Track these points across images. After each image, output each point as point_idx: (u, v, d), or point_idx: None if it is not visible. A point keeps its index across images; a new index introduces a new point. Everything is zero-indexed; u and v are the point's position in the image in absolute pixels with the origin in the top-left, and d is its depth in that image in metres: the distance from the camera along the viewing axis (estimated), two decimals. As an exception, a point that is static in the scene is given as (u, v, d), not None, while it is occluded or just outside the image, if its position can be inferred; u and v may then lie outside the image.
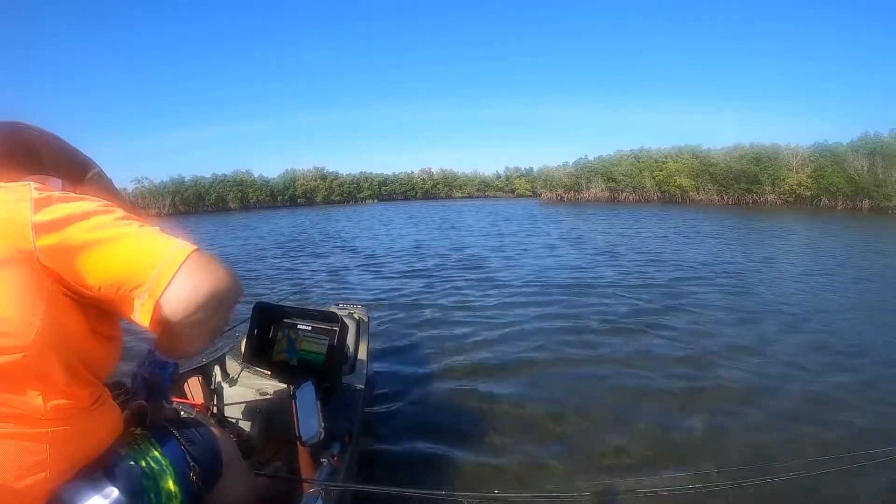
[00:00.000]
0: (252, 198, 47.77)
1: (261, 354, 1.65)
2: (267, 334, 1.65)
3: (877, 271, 7.63)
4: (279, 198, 49.54)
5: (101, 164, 1.06)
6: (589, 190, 40.64)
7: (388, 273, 8.04)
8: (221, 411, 1.95)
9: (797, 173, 29.43)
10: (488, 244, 12.14)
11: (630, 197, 38.04)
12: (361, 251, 11.17)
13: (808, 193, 28.83)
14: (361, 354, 2.52)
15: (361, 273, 8.15)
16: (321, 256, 10.53)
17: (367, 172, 57.12)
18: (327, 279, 7.71)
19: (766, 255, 9.48)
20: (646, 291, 6.08)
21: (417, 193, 58.04)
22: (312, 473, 1.41)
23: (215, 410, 1.89)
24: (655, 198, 36.64)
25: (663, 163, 37.02)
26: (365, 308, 3.24)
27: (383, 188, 56.68)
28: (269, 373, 1.75)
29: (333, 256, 10.46)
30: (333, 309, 2.83)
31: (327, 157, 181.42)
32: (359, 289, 6.80)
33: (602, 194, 39.57)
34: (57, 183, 0.91)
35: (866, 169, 26.25)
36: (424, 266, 8.62)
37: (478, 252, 10.58)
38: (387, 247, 12.00)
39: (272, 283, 7.41)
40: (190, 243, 0.79)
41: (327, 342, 1.58)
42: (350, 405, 1.88)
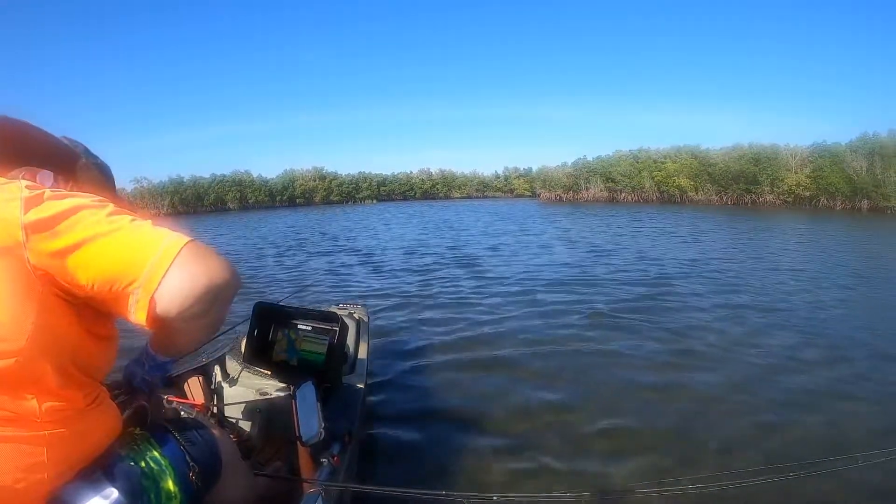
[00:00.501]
0: (251, 198, 47.71)
1: (261, 354, 1.64)
2: (267, 334, 1.65)
3: (870, 270, 7.65)
4: (278, 198, 49.48)
5: (94, 154, 1.05)
6: (588, 190, 40.64)
7: (388, 272, 8.04)
8: (221, 411, 1.94)
9: (796, 173, 29.47)
10: (486, 243, 12.20)
11: (629, 197, 38.04)
12: (361, 250, 11.17)
13: (807, 194, 28.87)
14: (361, 354, 2.51)
15: (361, 272, 8.14)
16: (321, 256, 10.51)
17: (366, 172, 57.11)
18: (327, 278, 7.70)
19: (760, 254, 9.54)
20: (640, 289, 6.09)
21: (416, 193, 58.02)
22: (312, 473, 1.40)
23: (215, 410, 1.88)
24: (654, 198, 36.65)
25: (662, 163, 37.04)
26: (365, 308, 3.24)
27: (382, 188, 56.65)
28: (269, 373, 1.75)
29: (333, 255, 10.45)
30: (333, 309, 2.83)
31: (326, 158, 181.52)
32: (358, 288, 6.80)
33: (601, 194, 39.57)
34: (48, 175, 0.89)
35: (865, 169, 26.30)
36: (423, 265, 8.61)
37: (476, 251, 10.63)
38: (386, 246, 12.00)
39: (272, 283, 7.40)
40: (184, 235, 0.77)
41: (327, 342, 1.58)
42: (350, 405, 1.87)
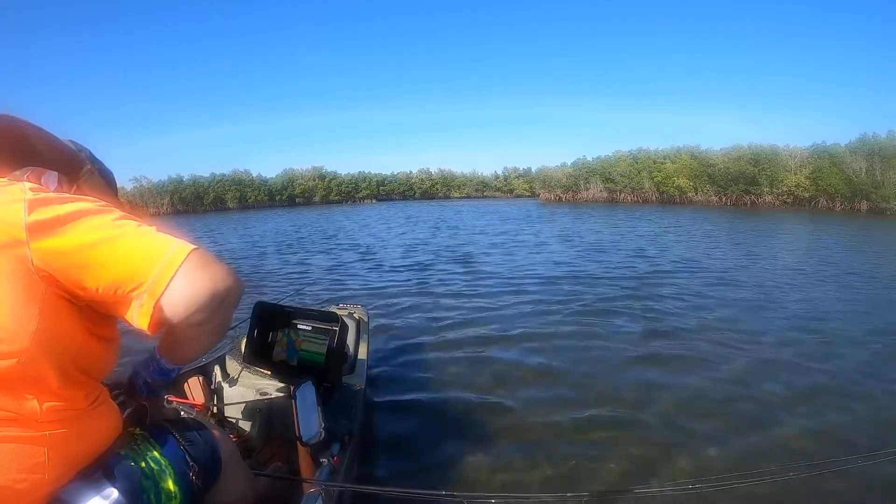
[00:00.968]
0: (250, 197, 47.73)
1: (261, 354, 1.64)
2: (267, 334, 1.65)
3: (869, 269, 7.66)
4: (277, 197, 49.51)
5: (99, 160, 1.05)
6: (587, 190, 40.66)
7: (387, 271, 8.04)
8: (221, 411, 1.94)
9: (795, 174, 29.51)
10: (484, 242, 12.27)
11: (628, 197, 38.07)
12: (361, 250, 11.17)
13: (807, 195, 28.91)
14: (361, 354, 2.51)
15: (361, 272, 8.14)
16: (321, 255, 10.51)
17: (366, 172, 57.18)
18: (327, 278, 7.69)
19: (753, 253, 9.61)
20: (635, 287, 6.10)
21: (416, 193, 58.04)
22: (312, 473, 1.40)
23: (215, 410, 1.88)
24: (654, 198, 36.68)
25: (661, 163, 37.06)
26: (365, 308, 3.24)
27: (382, 188, 56.66)
28: (269, 373, 1.74)
29: (333, 255, 10.44)
30: (333, 309, 2.82)
31: (326, 157, 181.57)
32: (358, 287, 6.79)
33: (600, 195, 39.59)
34: (53, 177, 0.89)
35: (864, 170, 26.34)
36: (422, 265, 8.61)
37: (474, 250, 10.67)
38: (386, 245, 12.00)
39: (272, 283, 7.39)
40: (189, 242, 0.78)
41: (327, 342, 1.58)
42: (350, 405, 1.87)
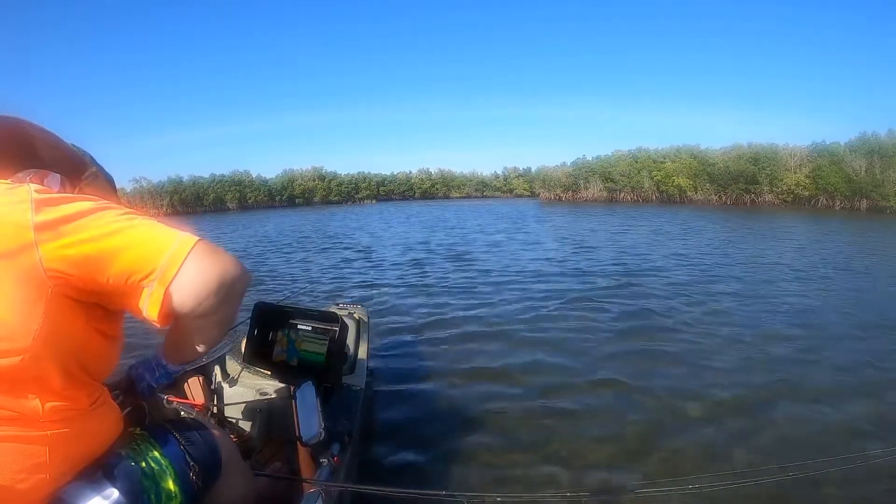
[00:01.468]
0: (250, 198, 47.72)
1: (261, 354, 1.64)
2: (267, 334, 1.65)
3: (868, 268, 7.67)
4: (277, 198, 49.51)
5: (100, 164, 1.05)
6: (587, 190, 40.65)
7: (387, 271, 8.03)
8: (221, 411, 1.94)
9: (795, 173, 29.50)
10: (483, 241, 12.36)
11: (628, 197, 38.07)
12: (361, 249, 11.17)
13: (807, 193, 28.91)
14: (361, 354, 2.51)
15: (361, 271, 8.13)
16: (321, 255, 10.51)
17: (366, 172, 57.16)
18: (327, 278, 7.69)
19: (747, 251, 9.66)
20: (637, 286, 6.11)
21: (416, 193, 58.04)
22: (312, 473, 1.40)
23: (215, 410, 1.88)
24: (654, 198, 36.67)
25: (661, 163, 37.06)
26: (365, 308, 3.24)
27: (381, 188, 56.66)
28: (269, 373, 1.74)
29: (333, 255, 10.44)
30: (333, 309, 2.83)
31: (325, 158, 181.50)
32: (358, 287, 6.80)
33: (600, 194, 39.58)
34: (56, 179, 0.90)
35: (864, 169, 26.33)
36: (422, 264, 8.60)
37: (473, 249, 10.72)
38: (385, 245, 12.00)
39: (272, 283, 7.40)
40: (193, 234, 0.79)
41: (327, 342, 1.58)
42: (350, 405, 1.87)
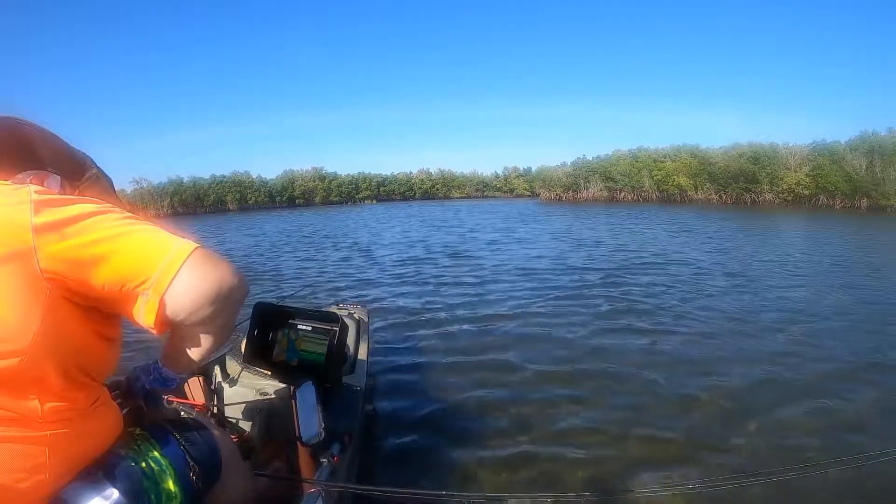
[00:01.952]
0: (251, 199, 47.76)
1: (261, 354, 1.64)
2: (267, 334, 1.65)
3: (867, 266, 7.67)
4: (278, 199, 49.56)
5: (101, 165, 1.05)
6: (587, 190, 40.62)
7: (387, 271, 8.05)
8: (221, 411, 1.94)
9: (795, 172, 29.46)
10: (483, 240, 12.46)
11: (629, 196, 38.04)
12: (361, 249, 11.19)
13: (807, 192, 28.86)
14: (361, 354, 2.51)
15: (361, 271, 8.15)
16: (321, 255, 10.52)
17: (366, 173, 57.18)
18: (327, 278, 7.70)
19: (746, 250, 9.72)
20: (639, 285, 6.12)
21: (416, 194, 58.03)
22: (312, 473, 1.41)
23: (215, 410, 1.88)
24: (654, 197, 36.64)
25: (661, 162, 37.03)
26: (365, 308, 3.24)
27: (382, 189, 56.65)
28: (269, 373, 1.74)
29: (333, 255, 10.45)
30: (333, 309, 2.83)
31: (326, 158, 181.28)
32: (358, 287, 6.80)
33: (600, 194, 39.56)
34: (56, 180, 0.90)
35: (864, 168, 26.29)
36: (421, 264, 8.62)
37: (473, 248, 10.78)
38: (386, 245, 12.01)
39: (272, 283, 7.40)
40: (192, 241, 0.79)
41: (327, 342, 1.58)
42: (350, 405, 1.87)
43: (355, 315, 2.89)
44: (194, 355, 0.94)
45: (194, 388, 1.94)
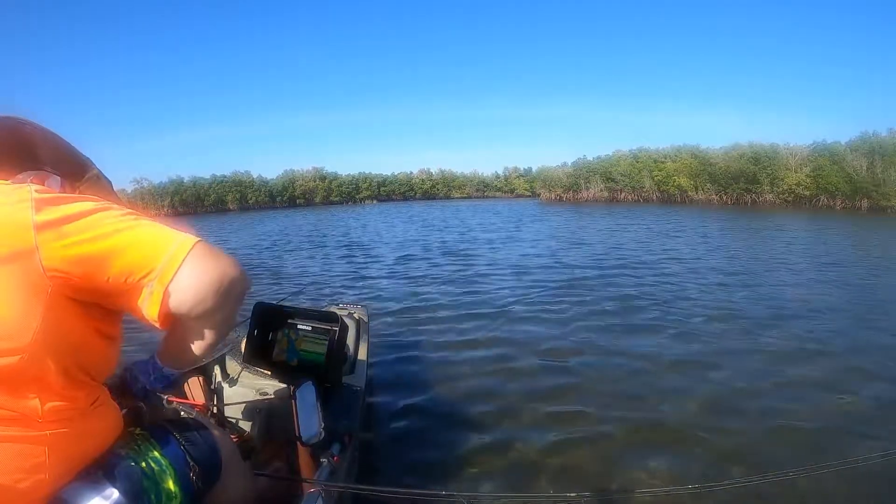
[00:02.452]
0: (251, 198, 47.76)
1: (261, 354, 1.64)
2: (267, 334, 1.65)
3: (865, 266, 7.67)
4: (278, 198, 49.54)
5: (101, 165, 1.05)
6: (588, 190, 40.60)
7: (387, 271, 8.05)
8: (221, 411, 1.94)
9: (796, 173, 29.44)
10: (484, 239, 12.55)
11: (629, 197, 38.03)
12: (361, 249, 11.18)
13: (807, 193, 28.84)
14: (361, 354, 2.52)
15: (361, 271, 8.14)
16: (321, 255, 10.53)
17: (366, 173, 57.18)
18: (328, 277, 7.71)
19: (746, 249, 9.71)
20: (642, 283, 6.12)
21: (416, 194, 58.04)
22: (312, 473, 1.41)
23: (215, 410, 1.88)
24: (654, 198, 36.63)
25: (662, 163, 37.02)
26: (365, 308, 3.25)
27: (382, 189, 56.65)
28: (269, 373, 1.75)
29: (333, 255, 10.46)
30: (333, 309, 2.83)
31: (326, 158, 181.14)
32: (358, 287, 6.80)
33: (601, 194, 39.54)
34: (56, 181, 0.90)
35: (865, 168, 26.27)
36: (421, 264, 8.62)
37: (472, 247, 10.83)
38: (386, 244, 12.01)
39: (272, 283, 7.41)
40: (193, 235, 0.80)
41: (327, 342, 1.58)
42: (350, 405, 1.88)
43: (355, 315, 2.89)
44: (195, 350, 0.94)
45: (194, 388, 1.94)
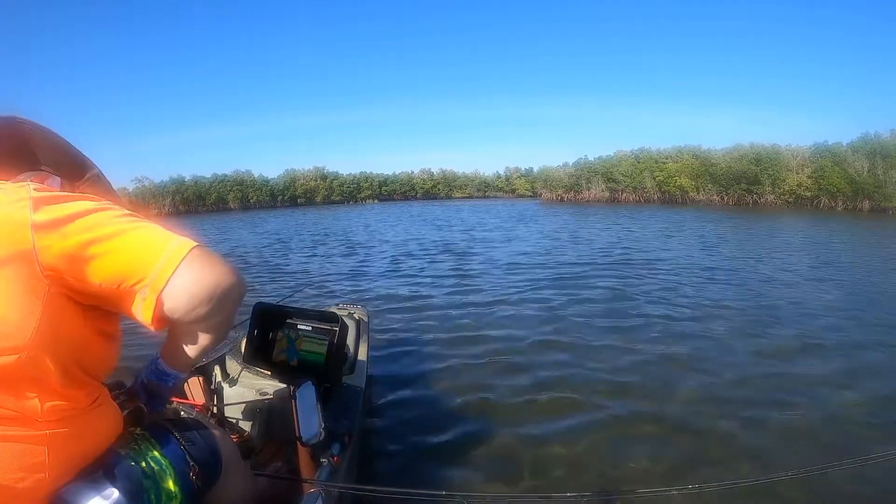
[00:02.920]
0: (252, 198, 47.85)
1: (261, 355, 1.64)
2: (267, 334, 1.65)
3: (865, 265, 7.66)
4: (279, 198, 49.63)
5: (103, 164, 1.05)
6: (589, 190, 40.62)
7: (387, 270, 8.05)
8: (221, 411, 1.95)
9: (797, 174, 29.42)
10: (484, 238, 12.52)
11: (630, 197, 38.03)
12: (361, 249, 11.18)
13: (809, 194, 28.82)
14: (361, 354, 2.52)
15: (361, 271, 8.15)
16: (321, 255, 10.53)
17: (368, 172, 57.26)
18: (328, 277, 7.71)
19: (746, 249, 9.68)
20: (644, 284, 6.11)
21: (417, 194, 58.09)
22: (312, 473, 1.41)
23: (215, 410, 1.88)
24: (656, 198, 36.62)
25: (663, 163, 37.03)
26: (365, 308, 3.25)
27: (383, 188, 56.72)
28: (269, 373, 1.75)
29: (334, 254, 10.46)
30: (333, 309, 2.83)
31: (327, 158, 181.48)
32: (358, 287, 6.80)
33: (602, 195, 39.54)
34: (56, 181, 0.90)
35: (866, 170, 26.25)
36: (421, 263, 8.62)
37: (473, 247, 10.84)
38: (386, 244, 12.01)
39: (272, 283, 7.41)
40: (191, 239, 0.79)
41: (327, 342, 1.58)
42: (350, 405, 1.88)
43: (355, 315, 2.90)
44: (193, 352, 0.95)
45: (194, 388, 1.94)
